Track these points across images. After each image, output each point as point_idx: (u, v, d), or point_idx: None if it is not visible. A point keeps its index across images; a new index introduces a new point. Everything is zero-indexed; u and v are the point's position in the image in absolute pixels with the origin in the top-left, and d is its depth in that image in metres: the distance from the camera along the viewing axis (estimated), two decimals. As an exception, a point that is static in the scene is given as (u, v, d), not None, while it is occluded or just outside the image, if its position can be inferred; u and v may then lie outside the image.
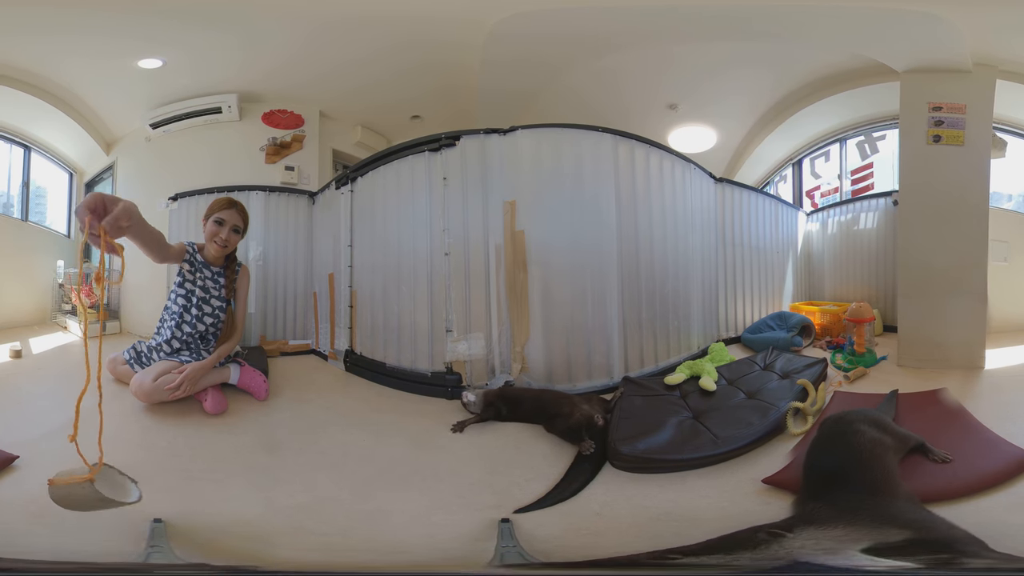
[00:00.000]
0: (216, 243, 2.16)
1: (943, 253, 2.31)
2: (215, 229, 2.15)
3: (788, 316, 2.87)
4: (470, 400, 2.08)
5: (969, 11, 2.05)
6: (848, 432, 1.52)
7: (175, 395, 2.03)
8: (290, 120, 2.78)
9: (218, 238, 2.15)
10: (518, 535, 1.44)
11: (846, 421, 1.58)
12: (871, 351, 2.43)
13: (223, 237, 2.16)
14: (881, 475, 1.42)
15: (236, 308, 2.26)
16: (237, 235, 2.21)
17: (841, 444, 1.50)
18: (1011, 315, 2.46)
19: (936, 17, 2.07)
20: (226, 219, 2.16)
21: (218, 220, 2.15)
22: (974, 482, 1.52)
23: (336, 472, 1.74)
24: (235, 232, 2.19)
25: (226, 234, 2.16)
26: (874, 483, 1.39)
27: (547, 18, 2.24)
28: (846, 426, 1.55)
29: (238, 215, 2.20)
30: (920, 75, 2.30)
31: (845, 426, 1.55)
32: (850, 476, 1.42)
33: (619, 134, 2.35)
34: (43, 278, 2.89)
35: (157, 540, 1.37)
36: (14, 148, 2.78)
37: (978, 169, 2.28)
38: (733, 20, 2.30)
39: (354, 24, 2.28)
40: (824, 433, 1.59)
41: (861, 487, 1.38)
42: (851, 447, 1.47)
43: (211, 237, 2.17)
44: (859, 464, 1.44)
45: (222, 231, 2.15)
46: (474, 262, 2.29)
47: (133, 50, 2.41)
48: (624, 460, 1.73)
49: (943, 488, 1.48)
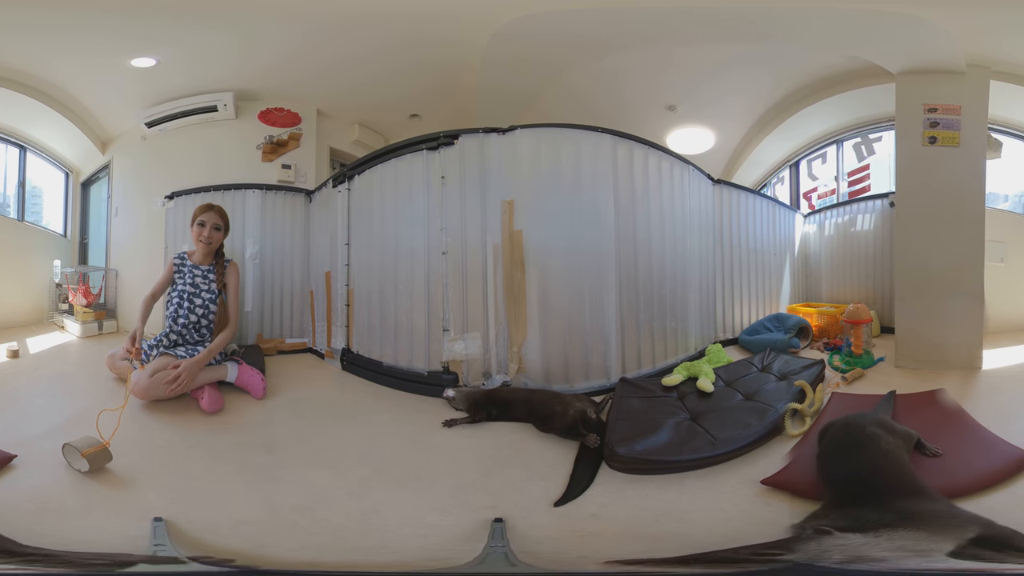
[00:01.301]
0: (202, 241, 2.38)
1: (940, 254, 2.32)
2: (198, 231, 2.39)
3: (785, 318, 2.87)
4: (450, 395, 2.11)
5: (955, 12, 2.07)
6: (865, 438, 1.51)
7: (172, 390, 2.04)
8: (287, 118, 2.78)
9: (202, 236, 2.38)
10: (513, 536, 1.43)
11: (857, 427, 1.56)
12: (869, 352, 2.43)
13: (206, 235, 2.38)
14: (904, 477, 1.41)
15: (228, 300, 2.41)
16: (219, 232, 2.42)
17: (861, 451, 1.49)
18: (1008, 315, 2.47)
19: (920, 20, 2.09)
20: (206, 220, 2.39)
21: (200, 222, 2.39)
22: (973, 482, 1.52)
23: (332, 471, 1.74)
24: (216, 230, 2.41)
25: (208, 231, 2.38)
26: (902, 486, 1.38)
27: (554, 19, 2.25)
28: (859, 432, 1.54)
29: (216, 215, 2.42)
30: (914, 76, 2.32)
31: (858, 432, 1.54)
32: (876, 482, 1.40)
33: (618, 135, 2.35)
34: (40, 278, 2.88)
35: (160, 538, 1.37)
36: (9, 148, 2.77)
37: (974, 170, 2.29)
38: (731, 21, 2.31)
39: (353, 22, 2.29)
40: (838, 440, 1.57)
41: (889, 491, 1.37)
42: (874, 453, 1.46)
43: (196, 238, 2.40)
44: (886, 469, 1.43)
45: (204, 230, 2.38)
46: (471, 262, 2.28)
47: (126, 49, 2.42)
48: (621, 461, 1.72)
49: (942, 488, 1.46)
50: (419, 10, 2.22)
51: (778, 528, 1.41)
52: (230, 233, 2.47)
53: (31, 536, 1.34)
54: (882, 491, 1.38)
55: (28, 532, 1.35)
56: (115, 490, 1.60)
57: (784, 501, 1.54)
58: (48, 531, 1.38)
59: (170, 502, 1.53)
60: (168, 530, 1.41)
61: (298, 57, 2.55)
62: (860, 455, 1.49)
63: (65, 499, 1.53)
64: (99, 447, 1.64)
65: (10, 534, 1.33)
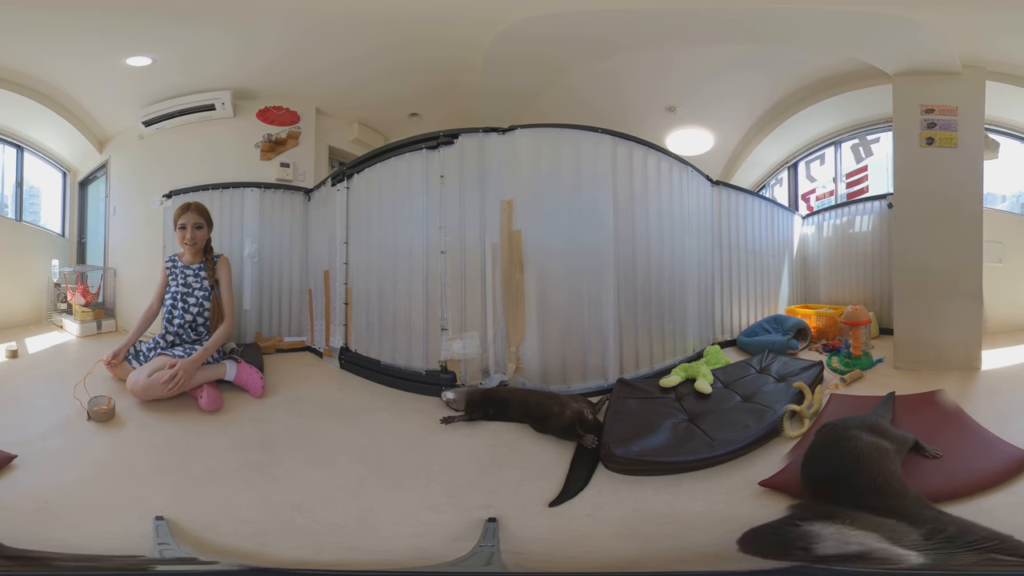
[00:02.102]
0: (187, 244, 2.36)
1: (938, 255, 2.32)
2: (181, 234, 2.36)
3: (784, 319, 2.87)
4: (449, 398, 2.10)
5: (948, 14, 2.07)
6: (842, 438, 1.53)
7: (169, 390, 2.04)
8: (286, 116, 2.78)
9: (186, 239, 2.35)
10: (506, 536, 1.43)
11: (840, 428, 1.59)
12: (867, 353, 2.43)
13: (189, 236, 2.34)
14: (882, 478, 1.41)
15: (221, 295, 2.38)
16: (201, 230, 2.38)
17: (835, 450, 1.51)
18: (1007, 316, 2.47)
19: (913, 21, 2.09)
20: (186, 222, 2.35)
21: (181, 226, 2.35)
22: (973, 482, 1.51)
23: (330, 470, 1.74)
24: (198, 228, 2.36)
25: (190, 232, 2.34)
26: (875, 486, 1.39)
27: (560, 20, 2.25)
28: (840, 432, 1.56)
29: (195, 214, 2.37)
30: (911, 77, 2.32)
31: (840, 432, 1.56)
32: (850, 480, 1.42)
33: (618, 135, 2.35)
34: (38, 278, 2.88)
35: (164, 537, 1.37)
36: (7, 148, 2.77)
37: (971, 170, 2.29)
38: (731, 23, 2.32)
39: (354, 20, 2.28)
40: (819, 441, 1.59)
41: (863, 490, 1.38)
42: (846, 452, 1.48)
43: (180, 241, 2.38)
44: (858, 468, 1.44)
45: (187, 232, 2.34)
46: (470, 261, 2.28)
47: (121, 48, 2.42)
48: (618, 462, 1.71)
49: (942, 488, 1.47)
50: (422, 9, 2.21)
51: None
52: (229, 232, 2.48)
53: (31, 536, 1.33)
54: (850, 489, 1.39)
55: (28, 533, 1.34)
56: (115, 489, 1.60)
57: (782, 502, 1.53)
58: (48, 531, 1.38)
59: (170, 501, 1.53)
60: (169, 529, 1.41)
61: (297, 55, 2.55)
62: (832, 453, 1.51)
63: (65, 499, 1.53)
64: (105, 407, 1.93)
65: (10, 534, 1.32)
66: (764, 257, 3.08)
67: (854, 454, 1.47)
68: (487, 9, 2.24)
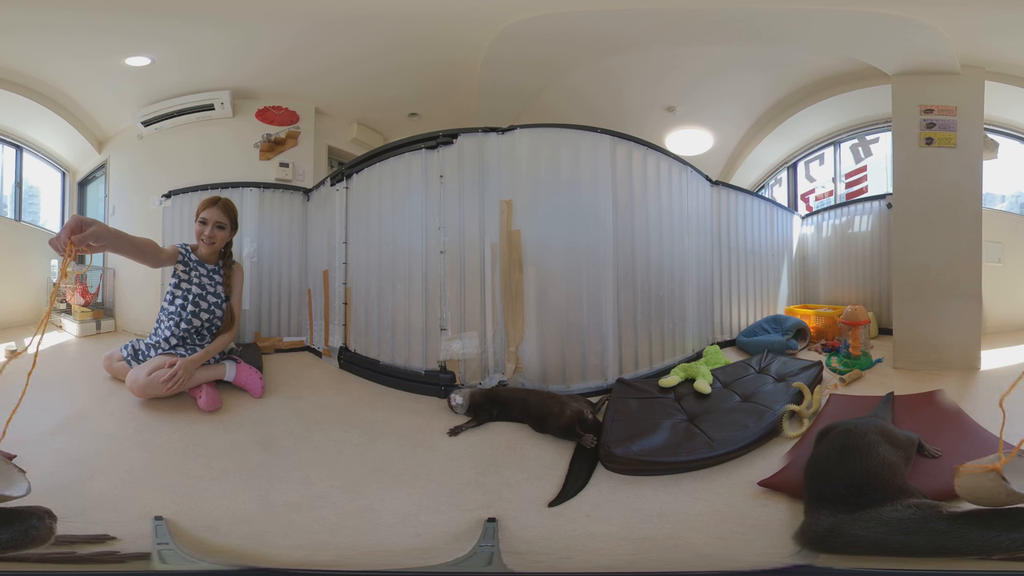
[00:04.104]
0: (203, 241, 2.22)
1: (937, 255, 2.32)
2: (199, 228, 2.22)
3: (783, 319, 2.87)
4: (458, 403, 2.08)
5: (946, 14, 2.08)
6: (862, 445, 1.47)
7: (168, 389, 2.03)
8: (285, 116, 2.78)
9: (204, 235, 2.21)
10: (506, 536, 1.43)
11: (858, 434, 1.52)
12: (867, 354, 2.43)
13: (207, 234, 2.21)
14: (900, 487, 1.39)
15: (232, 304, 2.30)
16: (223, 231, 2.25)
17: (856, 459, 1.45)
18: (1006, 315, 2.47)
19: (912, 21, 2.10)
20: (208, 217, 2.21)
21: (202, 220, 2.21)
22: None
23: (329, 470, 1.74)
24: (219, 228, 2.23)
25: (210, 230, 2.21)
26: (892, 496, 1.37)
27: (561, 20, 2.26)
28: (860, 439, 1.50)
29: (221, 212, 2.23)
30: (910, 77, 2.33)
31: (859, 439, 1.50)
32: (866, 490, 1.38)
33: (617, 135, 2.35)
34: (37, 278, 2.87)
35: (163, 537, 1.37)
36: (6, 148, 2.77)
37: (971, 170, 2.29)
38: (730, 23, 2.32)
39: (354, 20, 2.29)
40: (834, 446, 1.53)
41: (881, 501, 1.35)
42: (869, 462, 1.43)
43: (198, 235, 2.23)
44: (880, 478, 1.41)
45: (206, 229, 2.21)
46: (469, 261, 2.28)
47: (120, 48, 2.41)
48: (617, 462, 1.72)
49: (942, 488, 1.47)
50: (422, 9, 2.22)
51: (774, 530, 1.42)
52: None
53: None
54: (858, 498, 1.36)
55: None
56: (114, 489, 1.60)
57: (781, 503, 1.54)
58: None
59: (170, 501, 1.53)
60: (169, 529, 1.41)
61: (296, 55, 2.55)
62: (854, 462, 1.46)
63: (65, 499, 1.52)
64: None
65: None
66: (763, 257, 3.08)
67: (877, 465, 1.42)
68: (487, 9, 2.24)
